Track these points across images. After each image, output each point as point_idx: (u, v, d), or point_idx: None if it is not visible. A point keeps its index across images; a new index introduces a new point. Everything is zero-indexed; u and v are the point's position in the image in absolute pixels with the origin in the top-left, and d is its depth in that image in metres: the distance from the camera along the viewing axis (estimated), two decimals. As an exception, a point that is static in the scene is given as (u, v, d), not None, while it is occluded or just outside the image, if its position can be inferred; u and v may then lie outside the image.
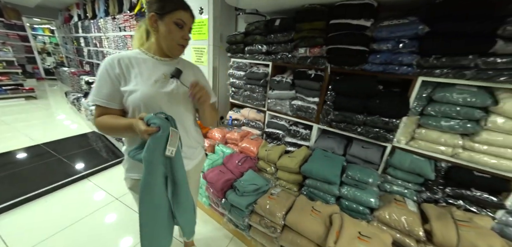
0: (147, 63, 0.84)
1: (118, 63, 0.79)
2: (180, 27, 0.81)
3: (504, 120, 1.00)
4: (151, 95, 0.81)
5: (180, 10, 0.80)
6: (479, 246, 0.94)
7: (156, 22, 0.80)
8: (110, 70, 0.78)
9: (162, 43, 0.84)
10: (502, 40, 0.92)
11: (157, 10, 0.78)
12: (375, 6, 1.22)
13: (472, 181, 1.15)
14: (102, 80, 0.78)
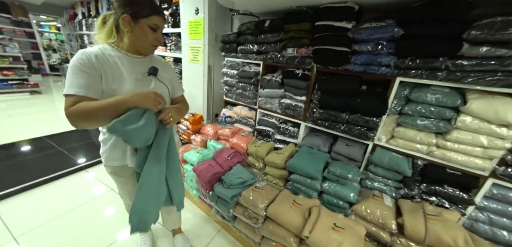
0: (123, 61, 0.86)
1: (95, 57, 0.79)
2: (154, 30, 0.86)
3: (471, 119, 1.05)
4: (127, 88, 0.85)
5: (155, 15, 0.84)
6: (443, 237, 1.00)
7: (130, 23, 0.82)
8: (87, 62, 0.77)
9: (136, 43, 0.87)
10: (467, 43, 0.97)
11: (132, 13, 0.81)
12: (356, 9, 1.28)
13: (445, 178, 1.20)
14: (78, 71, 0.76)
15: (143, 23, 0.83)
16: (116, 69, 0.84)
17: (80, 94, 0.75)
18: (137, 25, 0.83)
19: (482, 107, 1.00)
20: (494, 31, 0.90)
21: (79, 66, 0.76)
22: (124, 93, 0.81)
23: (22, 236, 1.50)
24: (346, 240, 1.05)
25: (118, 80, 0.83)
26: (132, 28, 0.84)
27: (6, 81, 4.53)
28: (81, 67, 0.76)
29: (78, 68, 0.76)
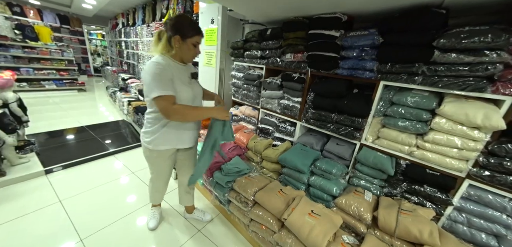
0: (178, 69, 1.16)
1: (168, 67, 1.10)
2: (195, 46, 1.16)
3: (445, 121, 1.10)
4: (191, 94, 1.20)
5: (197, 35, 1.14)
6: (411, 229, 1.06)
7: (179, 42, 1.11)
8: (166, 70, 1.08)
9: (182, 55, 1.17)
10: (438, 50, 1.05)
11: (181, 35, 1.10)
12: (343, 19, 1.42)
13: (425, 178, 1.25)
14: (162, 78, 1.06)
15: (188, 42, 1.12)
16: (178, 75, 1.14)
17: (171, 95, 1.08)
18: (184, 43, 1.12)
19: (454, 109, 1.06)
20: (460, 40, 0.98)
21: (161, 74, 1.06)
22: (185, 94, 1.17)
23: (65, 199, 1.90)
24: (320, 225, 1.17)
25: (180, 83, 1.14)
26: (180, 45, 1.12)
27: (62, 80, 5.47)
28: (162, 74, 1.06)
29: (161, 75, 1.06)
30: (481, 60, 0.96)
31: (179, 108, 1.11)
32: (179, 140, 1.30)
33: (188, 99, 1.19)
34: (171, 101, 1.08)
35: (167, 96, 1.07)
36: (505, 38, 0.89)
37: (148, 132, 1.25)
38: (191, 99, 1.21)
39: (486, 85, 0.98)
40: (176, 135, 1.27)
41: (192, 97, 1.22)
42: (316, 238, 1.10)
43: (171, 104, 1.08)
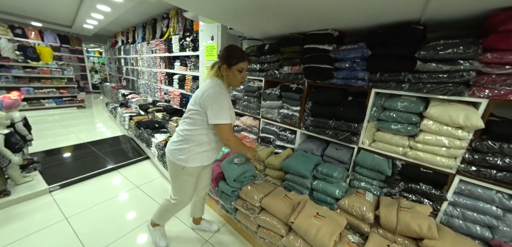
0: (228, 94, 1.33)
1: (226, 92, 1.29)
2: (241, 72, 1.28)
3: (432, 123, 1.21)
4: (234, 118, 1.38)
5: (241, 62, 1.26)
6: (411, 225, 1.13)
7: (226, 70, 1.27)
8: (228, 99, 1.29)
9: (229, 81, 1.32)
10: (420, 61, 1.18)
11: (227, 63, 1.25)
12: (335, 35, 1.56)
13: (419, 176, 1.33)
14: (226, 106, 1.25)
15: (234, 69, 1.26)
16: (227, 100, 1.29)
17: (231, 123, 1.29)
18: (230, 71, 1.26)
19: (439, 112, 1.17)
20: (437, 51, 1.11)
21: (226, 102, 1.25)
22: (233, 117, 1.35)
23: (71, 217, 1.91)
24: (325, 226, 1.23)
25: (231, 108, 1.32)
26: (227, 73, 1.28)
27: (62, 98, 5.52)
28: (227, 103, 1.26)
29: (226, 104, 1.25)
30: (457, 68, 1.09)
31: (235, 140, 1.32)
32: (209, 158, 1.42)
33: (233, 122, 1.33)
34: (231, 129, 1.29)
35: (230, 124, 1.26)
36: (474, 49, 1.02)
37: (184, 149, 1.31)
38: (234, 122, 1.37)
39: (463, 90, 1.11)
40: (208, 153, 1.39)
41: (234, 120, 1.39)
42: (323, 239, 1.16)
43: (232, 132, 1.29)
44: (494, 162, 1.06)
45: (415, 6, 1.06)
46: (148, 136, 3.09)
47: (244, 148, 1.44)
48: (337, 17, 1.35)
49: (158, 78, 4.41)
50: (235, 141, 1.33)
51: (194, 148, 1.32)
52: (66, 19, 5.44)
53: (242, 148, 1.42)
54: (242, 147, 1.42)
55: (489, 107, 1.07)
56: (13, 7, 4.59)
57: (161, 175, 2.74)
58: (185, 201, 1.51)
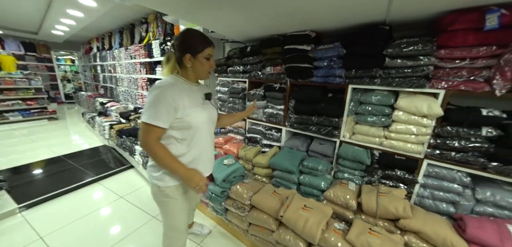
0: (190, 89, 1.04)
1: (173, 90, 0.94)
2: (208, 59, 1.03)
3: (402, 113, 1.34)
4: (206, 116, 1.06)
5: (208, 47, 1.01)
6: (389, 207, 1.24)
7: (190, 60, 1.00)
8: (168, 97, 0.92)
9: (196, 73, 1.05)
10: (388, 58, 1.30)
11: (191, 52, 0.99)
12: (312, 35, 1.65)
13: (394, 163, 1.46)
14: (160, 105, 0.91)
15: (200, 57, 1.00)
16: (189, 96, 1.01)
17: (161, 127, 0.93)
18: (196, 60, 1.00)
19: (406, 103, 1.30)
20: (401, 49, 1.24)
21: (159, 98, 0.91)
22: (198, 115, 1.02)
23: (47, 235, 1.78)
24: (313, 216, 1.30)
25: (192, 105, 1.00)
26: (193, 64, 1.01)
27: (29, 110, 5.06)
28: (161, 100, 0.91)
29: (161, 100, 0.91)
30: (418, 63, 1.22)
31: (158, 150, 0.95)
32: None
33: (203, 121, 1.06)
34: (155, 135, 0.94)
35: (154, 127, 0.92)
36: (430, 46, 1.16)
37: (155, 165, 1.06)
38: (206, 121, 1.08)
39: (424, 83, 1.24)
40: (194, 162, 1.09)
41: (207, 119, 1.09)
42: (311, 229, 1.22)
43: (155, 138, 0.94)
44: (453, 144, 1.20)
45: (379, 9, 1.17)
46: (131, 144, 2.97)
47: (177, 168, 1.00)
48: (311, 18, 1.42)
49: (139, 85, 4.25)
50: (156, 151, 0.95)
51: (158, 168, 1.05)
52: (31, 25, 5.01)
53: (172, 165, 0.99)
54: (171, 164, 0.99)
55: (446, 97, 1.21)
56: (-33, 13, 4.14)
57: (147, 183, 2.65)
58: (178, 229, 1.20)
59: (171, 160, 0.99)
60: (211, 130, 1.17)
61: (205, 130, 1.10)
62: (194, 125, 1.01)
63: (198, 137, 1.06)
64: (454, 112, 1.22)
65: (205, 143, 1.12)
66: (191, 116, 1.00)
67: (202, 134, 1.08)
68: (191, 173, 1.04)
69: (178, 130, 1.00)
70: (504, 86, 1.05)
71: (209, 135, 1.15)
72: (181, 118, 0.97)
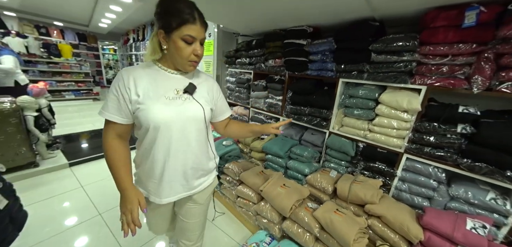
0: (158, 76, 0.78)
1: (129, 76, 0.73)
2: (189, 43, 0.73)
3: (384, 107, 1.39)
4: (167, 114, 0.75)
5: (188, 24, 0.70)
6: (359, 193, 1.33)
7: (164, 38, 0.74)
8: (120, 83, 0.72)
9: (173, 59, 0.77)
10: (373, 53, 1.36)
11: (164, 27, 0.72)
12: (309, 31, 1.75)
13: (375, 156, 1.52)
14: (111, 93, 0.73)
15: (175, 37, 0.71)
16: (157, 87, 0.76)
17: (115, 121, 0.74)
18: (170, 39, 0.72)
19: (389, 98, 1.35)
20: (386, 45, 1.28)
21: (113, 88, 0.73)
22: (156, 112, 0.73)
23: (86, 185, 2.27)
24: (288, 194, 1.45)
25: (153, 98, 0.74)
26: (168, 44, 0.74)
27: (79, 91, 6.07)
28: (113, 89, 0.73)
29: (111, 89, 0.73)
30: (402, 59, 1.26)
31: (107, 149, 0.76)
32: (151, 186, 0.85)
33: (156, 119, 0.73)
34: (112, 130, 0.76)
35: (108, 121, 0.75)
36: (413, 43, 1.19)
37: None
38: (168, 121, 0.75)
39: (406, 78, 1.28)
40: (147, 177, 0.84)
41: (170, 119, 0.76)
42: (283, 203, 1.39)
43: (111, 135, 0.76)
44: (429, 140, 1.23)
45: (358, 6, 1.24)
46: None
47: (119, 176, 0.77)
48: (299, 14, 1.54)
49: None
50: (105, 150, 0.77)
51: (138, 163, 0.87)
52: (84, 18, 5.93)
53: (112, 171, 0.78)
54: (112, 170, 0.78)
55: (428, 93, 1.23)
56: (38, 9, 5.11)
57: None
58: (150, 227, 1.06)
59: (116, 168, 0.76)
60: (186, 135, 0.81)
61: (176, 132, 0.77)
62: (146, 124, 0.73)
63: (161, 142, 0.76)
64: (432, 108, 1.23)
65: (174, 151, 0.79)
66: (148, 112, 0.72)
67: (165, 138, 0.76)
68: (125, 195, 0.76)
69: (138, 128, 0.78)
70: (482, 85, 1.05)
71: (185, 140, 0.81)
72: (134, 114, 0.74)
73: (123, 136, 0.79)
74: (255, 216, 1.63)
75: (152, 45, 0.79)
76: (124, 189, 0.77)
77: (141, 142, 0.80)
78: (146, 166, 0.81)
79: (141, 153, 0.82)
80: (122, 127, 0.76)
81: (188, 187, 0.88)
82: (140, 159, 0.84)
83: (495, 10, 0.97)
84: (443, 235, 1.02)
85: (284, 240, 1.43)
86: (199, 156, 0.87)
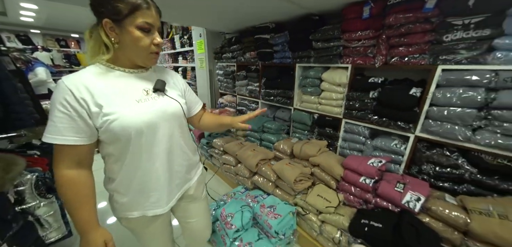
0: (116, 79, 0.66)
1: (75, 86, 0.58)
2: (147, 31, 0.64)
3: (326, 83, 1.78)
4: (144, 117, 0.66)
5: (142, 9, 0.60)
6: (307, 150, 1.76)
7: (113, 30, 0.61)
8: (66, 96, 0.57)
9: (128, 54, 0.66)
10: (314, 42, 1.74)
11: (112, 15, 0.59)
12: (271, 27, 2.14)
13: (325, 123, 1.92)
14: (56, 111, 0.57)
15: (129, 26, 0.61)
16: (110, 92, 0.63)
17: (68, 144, 0.59)
18: (123, 29, 0.61)
19: (328, 76, 1.74)
20: (321, 34, 1.66)
21: (59, 105, 0.57)
22: (126, 119, 0.63)
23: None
24: (256, 155, 1.90)
25: (121, 103, 0.63)
26: (118, 36, 0.62)
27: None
28: (61, 107, 0.57)
29: (58, 107, 0.57)
30: (333, 44, 1.64)
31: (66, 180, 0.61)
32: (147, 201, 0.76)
33: (136, 124, 0.65)
34: (66, 158, 0.61)
35: (61, 147, 0.59)
36: (338, 32, 1.56)
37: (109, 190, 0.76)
38: (151, 124, 0.68)
39: (337, 59, 1.66)
40: (139, 194, 0.74)
41: (148, 122, 0.67)
42: (251, 160, 1.85)
43: (65, 164, 0.61)
44: (355, 105, 1.62)
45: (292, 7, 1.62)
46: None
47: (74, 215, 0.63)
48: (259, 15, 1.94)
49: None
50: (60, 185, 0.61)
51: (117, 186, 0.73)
52: (96, 28, 6.65)
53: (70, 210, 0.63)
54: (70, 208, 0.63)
55: (352, 69, 1.61)
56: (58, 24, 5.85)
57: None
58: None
59: (75, 206, 0.63)
60: (172, 133, 0.76)
61: (161, 134, 0.72)
62: (125, 135, 0.64)
63: (147, 149, 0.69)
64: (356, 81, 1.61)
65: (163, 153, 0.74)
66: (117, 122, 0.62)
67: (150, 143, 0.70)
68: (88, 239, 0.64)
69: (109, 144, 0.66)
70: (380, 60, 1.42)
71: (171, 139, 0.76)
72: (102, 128, 0.62)
73: (83, 162, 0.64)
74: (235, 176, 2.11)
75: (95, 42, 0.65)
76: (86, 232, 0.63)
77: (118, 161, 0.67)
78: (135, 184, 0.71)
79: (124, 175, 0.69)
80: (83, 149, 0.61)
81: (183, 183, 0.87)
82: (126, 183, 0.71)
83: (381, 5, 1.32)
84: (353, 170, 1.43)
85: (254, 190, 1.90)
86: (186, 151, 0.85)
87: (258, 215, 1.53)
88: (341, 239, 1.33)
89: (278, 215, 1.47)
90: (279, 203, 1.58)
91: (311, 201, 1.49)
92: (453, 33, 1.12)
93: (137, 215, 0.76)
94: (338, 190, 1.54)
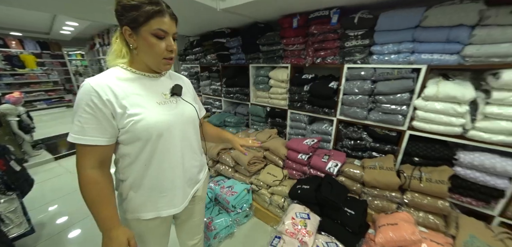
0: (140, 83, 0.71)
1: (101, 87, 0.62)
2: (162, 38, 0.67)
3: (273, 80, 2.12)
4: (165, 118, 0.71)
5: (157, 17, 0.64)
6: (261, 138, 2.08)
7: (131, 36, 0.66)
8: (93, 97, 0.60)
9: (145, 59, 0.70)
10: (261, 45, 2.07)
11: (130, 23, 0.64)
12: (226, 32, 2.41)
13: (275, 114, 2.27)
14: (82, 113, 0.60)
15: (145, 33, 0.65)
16: (135, 94, 0.68)
17: (93, 144, 0.62)
18: (139, 37, 0.66)
19: (274, 74, 2.08)
20: (266, 40, 1.99)
21: (88, 105, 0.60)
22: (153, 116, 0.68)
23: (73, 171, 2.81)
24: (218, 145, 2.17)
25: (143, 104, 0.68)
26: (137, 42, 0.67)
27: (51, 99, 6.23)
28: (89, 108, 0.61)
29: (86, 108, 0.60)
30: (276, 48, 1.98)
31: (90, 180, 0.64)
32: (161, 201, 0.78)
33: (158, 125, 0.70)
34: (91, 158, 0.64)
35: (85, 147, 0.63)
36: (277, 38, 1.90)
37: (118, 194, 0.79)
38: (170, 126, 0.73)
39: (279, 60, 2.01)
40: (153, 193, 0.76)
41: (168, 123, 0.72)
42: (213, 150, 2.10)
43: (90, 164, 0.64)
44: (295, 97, 1.99)
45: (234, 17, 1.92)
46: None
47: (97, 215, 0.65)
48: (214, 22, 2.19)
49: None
50: (84, 185, 0.64)
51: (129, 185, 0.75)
52: (44, 27, 5.98)
53: (92, 209, 0.65)
54: (92, 207, 0.65)
55: (292, 68, 1.97)
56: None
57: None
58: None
59: (99, 205, 0.65)
60: (188, 136, 0.81)
61: (177, 136, 0.76)
62: (146, 136, 0.68)
63: (165, 150, 0.73)
64: (294, 78, 1.99)
65: (179, 155, 0.78)
66: (141, 123, 0.66)
67: (169, 144, 0.73)
68: (111, 236, 0.65)
69: (127, 144, 0.69)
70: (309, 61, 1.80)
71: (187, 141, 0.81)
72: (125, 129, 0.66)
73: (105, 162, 0.67)
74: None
75: (117, 47, 0.71)
76: (109, 229, 0.66)
77: (135, 159, 0.70)
78: (150, 184, 0.74)
79: (137, 173, 0.72)
80: (106, 149, 0.66)
81: (195, 183, 0.90)
82: (139, 181, 0.73)
83: (305, 18, 1.70)
84: (293, 149, 1.80)
85: (217, 176, 2.15)
86: (197, 153, 0.89)
87: (218, 195, 1.80)
88: (284, 204, 1.68)
89: (235, 192, 1.75)
90: (236, 183, 1.87)
91: (262, 178, 1.82)
92: (350, 41, 1.53)
93: (151, 216, 0.77)
94: (284, 167, 1.89)
